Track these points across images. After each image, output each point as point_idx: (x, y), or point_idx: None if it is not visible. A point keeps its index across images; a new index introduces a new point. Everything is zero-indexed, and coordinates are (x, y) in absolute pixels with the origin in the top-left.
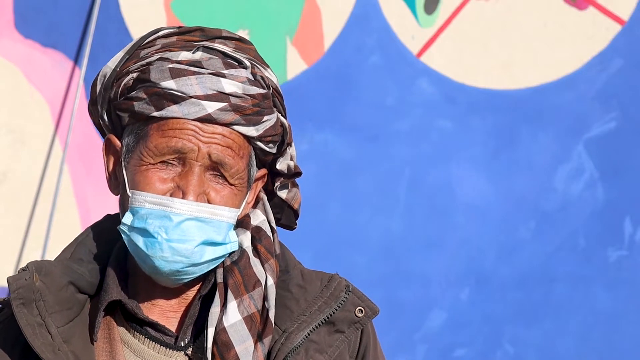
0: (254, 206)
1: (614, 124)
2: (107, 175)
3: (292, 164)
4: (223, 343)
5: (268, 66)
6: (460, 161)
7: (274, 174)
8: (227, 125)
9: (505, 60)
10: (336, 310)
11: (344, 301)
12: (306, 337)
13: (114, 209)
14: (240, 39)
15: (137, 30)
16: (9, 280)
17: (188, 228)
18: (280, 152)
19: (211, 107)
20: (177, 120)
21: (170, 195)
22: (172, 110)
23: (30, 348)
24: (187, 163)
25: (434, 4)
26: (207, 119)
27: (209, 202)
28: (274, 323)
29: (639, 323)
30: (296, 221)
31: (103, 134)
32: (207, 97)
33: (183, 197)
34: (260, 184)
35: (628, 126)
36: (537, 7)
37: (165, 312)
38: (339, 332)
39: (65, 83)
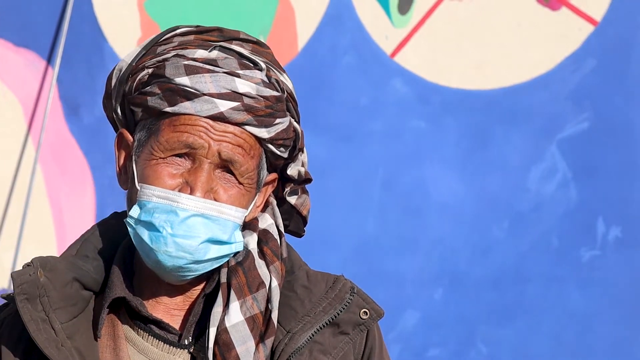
0: (263, 210)
1: (587, 124)
2: (117, 169)
3: (303, 170)
4: (224, 343)
5: (284, 71)
6: (433, 161)
7: (284, 179)
8: (239, 124)
9: (478, 60)
10: (341, 311)
11: (348, 303)
12: (310, 337)
13: (88, 209)
14: (258, 42)
15: (111, 30)
16: (13, 275)
17: (194, 224)
18: (292, 158)
19: (224, 105)
20: (189, 117)
21: (179, 191)
22: (185, 106)
23: (34, 344)
24: (197, 159)
25: (408, 4)
26: (219, 117)
27: (216, 199)
28: (279, 323)
29: (611, 322)
30: (304, 228)
31: (116, 129)
32: (220, 96)
33: (191, 193)
34: (270, 189)
35: (601, 126)
36: (510, 7)
37: (170, 310)
38: (344, 334)
39: (38, 83)
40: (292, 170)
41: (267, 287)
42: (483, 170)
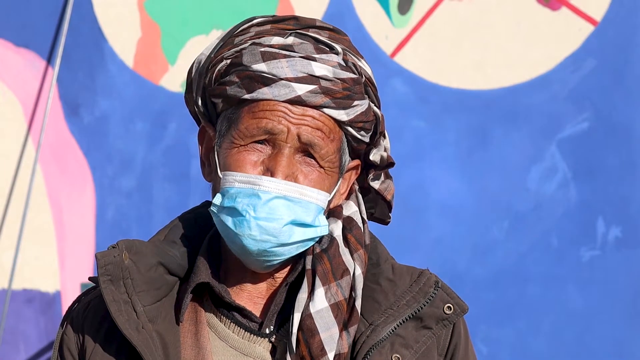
0: (347, 197)
1: (587, 125)
2: (201, 162)
3: (385, 155)
4: (308, 329)
5: (362, 57)
6: (433, 161)
7: (367, 166)
8: (317, 107)
9: (478, 60)
10: (424, 305)
11: (432, 297)
12: (392, 331)
13: (87, 209)
14: (335, 30)
15: (111, 30)
16: (97, 256)
17: (276, 206)
18: (374, 143)
19: (301, 89)
20: (267, 102)
21: None
22: (263, 92)
23: (116, 327)
24: (277, 145)
25: (408, 4)
26: (297, 101)
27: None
28: (362, 315)
29: (610, 322)
30: (390, 214)
31: (198, 122)
32: (297, 80)
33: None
34: (353, 176)
35: (600, 126)
36: (510, 7)
37: (253, 298)
38: (427, 328)
39: (38, 83)
40: (375, 156)
41: (351, 275)
42: (483, 170)
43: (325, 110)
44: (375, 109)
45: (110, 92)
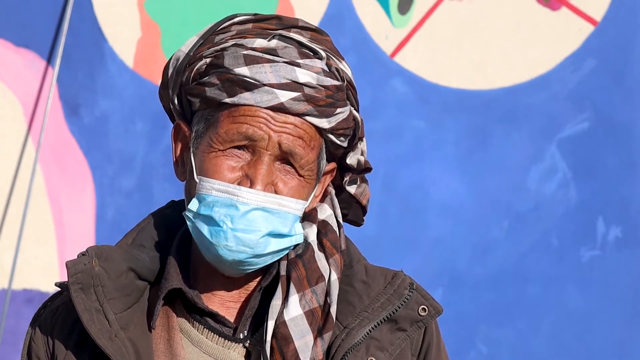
0: (322, 200)
1: (587, 125)
2: (174, 160)
3: (362, 159)
4: (282, 336)
5: (343, 58)
6: (433, 161)
7: (343, 168)
8: (300, 115)
9: (478, 60)
10: (399, 307)
11: (407, 299)
12: (367, 334)
13: (87, 209)
14: (317, 30)
15: (111, 30)
16: (67, 264)
17: (254, 218)
18: (351, 147)
19: (284, 96)
20: (248, 108)
21: (238, 184)
22: (245, 97)
23: (87, 333)
24: (257, 152)
25: (408, 4)
26: (280, 108)
27: (276, 192)
28: (336, 318)
29: (611, 322)
30: (364, 217)
31: (172, 119)
32: (281, 86)
33: (251, 186)
34: (329, 178)
35: (600, 126)
36: (510, 7)
37: (225, 303)
38: (401, 331)
39: (38, 83)
40: (352, 159)
41: (327, 281)
42: (483, 170)
43: (308, 118)
44: (355, 113)
45: (110, 92)
